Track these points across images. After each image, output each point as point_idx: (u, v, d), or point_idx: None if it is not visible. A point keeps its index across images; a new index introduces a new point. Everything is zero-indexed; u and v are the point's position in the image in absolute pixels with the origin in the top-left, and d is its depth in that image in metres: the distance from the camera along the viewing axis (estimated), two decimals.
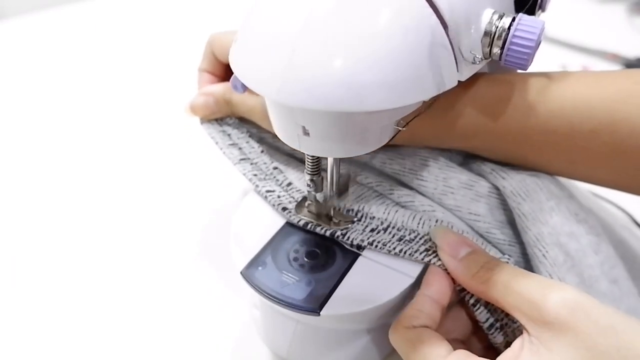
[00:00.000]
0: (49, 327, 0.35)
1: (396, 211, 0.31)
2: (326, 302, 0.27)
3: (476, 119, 0.29)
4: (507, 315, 0.27)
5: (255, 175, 0.33)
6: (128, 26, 0.72)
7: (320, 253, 0.30)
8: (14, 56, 0.66)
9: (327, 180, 0.30)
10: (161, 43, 0.68)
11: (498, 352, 0.24)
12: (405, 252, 0.29)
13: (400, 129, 0.25)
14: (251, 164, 0.34)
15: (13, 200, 0.45)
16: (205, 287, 0.38)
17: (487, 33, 0.25)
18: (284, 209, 0.31)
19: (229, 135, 0.35)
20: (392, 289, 0.28)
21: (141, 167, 0.49)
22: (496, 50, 0.25)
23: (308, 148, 0.24)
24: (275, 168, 0.34)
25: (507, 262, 0.27)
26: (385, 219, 0.31)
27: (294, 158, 0.36)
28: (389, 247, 0.29)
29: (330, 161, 0.29)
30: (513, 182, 0.30)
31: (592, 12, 0.76)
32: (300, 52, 0.21)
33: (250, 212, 0.33)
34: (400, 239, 0.29)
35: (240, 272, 0.29)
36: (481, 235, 0.31)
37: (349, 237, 0.30)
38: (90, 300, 0.37)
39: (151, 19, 0.73)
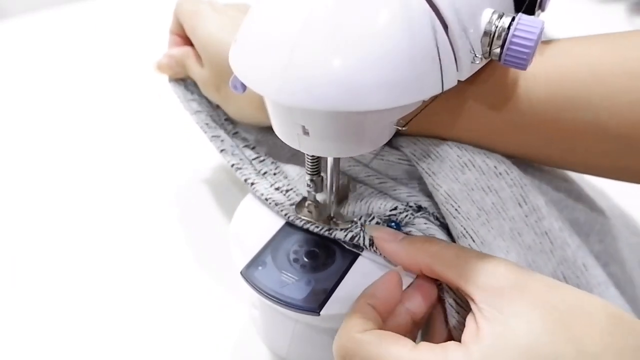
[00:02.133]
0: (48, 327, 0.35)
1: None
2: (326, 302, 0.27)
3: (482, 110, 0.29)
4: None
5: (207, 124, 0.37)
6: (128, 26, 0.72)
7: (320, 253, 0.30)
8: (14, 56, 0.66)
9: (327, 181, 0.30)
10: (162, 43, 0.68)
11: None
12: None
13: (399, 128, 0.25)
14: (206, 115, 0.38)
15: (13, 200, 0.45)
16: (205, 287, 0.38)
17: (486, 33, 0.25)
18: (277, 204, 0.32)
19: (190, 92, 0.40)
20: None
21: (140, 166, 0.49)
22: (496, 50, 0.25)
23: (308, 148, 0.24)
24: (226, 119, 0.39)
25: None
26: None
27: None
28: None
29: (330, 161, 0.29)
30: (422, 147, 0.31)
31: (592, 12, 0.76)
32: (299, 52, 0.21)
33: (249, 212, 0.33)
34: None
35: (240, 272, 0.29)
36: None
37: (348, 237, 0.30)
38: (89, 300, 0.37)
39: (151, 18, 0.73)
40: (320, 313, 0.27)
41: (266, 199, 0.32)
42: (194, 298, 0.37)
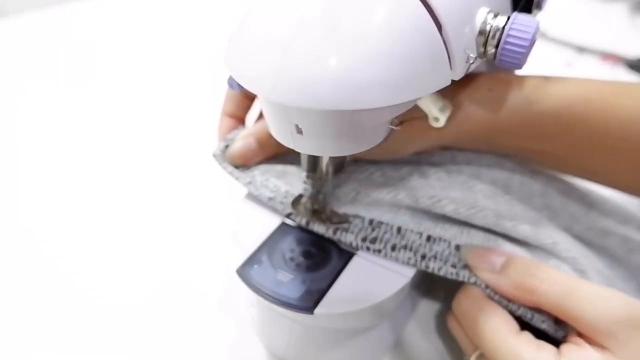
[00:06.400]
0: (47, 327, 0.35)
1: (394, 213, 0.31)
2: (320, 301, 0.27)
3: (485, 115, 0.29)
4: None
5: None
6: (128, 26, 0.72)
7: (316, 252, 0.30)
8: (15, 55, 0.66)
9: (322, 176, 0.30)
10: (162, 43, 0.68)
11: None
12: (440, 270, 0.29)
13: (394, 128, 0.25)
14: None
15: (12, 200, 0.46)
16: (203, 286, 0.38)
17: (481, 32, 0.25)
18: (307, 222, 0.31)
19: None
20: (386, 289, 0.28)
21: (139, 165, 0.49)
22: (490, 49, 0.25)
23: (302, 146, 0.24)
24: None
25: (547, 264, 0.28)
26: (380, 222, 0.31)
27: None
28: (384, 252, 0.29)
29: (325, 159, 0.29)
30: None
31: (593, 11, 0.76)
32: (293, 51, 0.21)
33: (247, 210, 0.33)
34: (392, 248, 0.29)
35: (236, 270, 0.29)
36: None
37: (382, 252, 0.30)
38: (86, 299, 0.37)
39: (152, 18, 0.74)
40: (314, 312, 0.27)
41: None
42: (192, 296, 0.37)
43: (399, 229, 0.30)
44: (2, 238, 0.42)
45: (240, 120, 0.35)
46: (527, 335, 0.25)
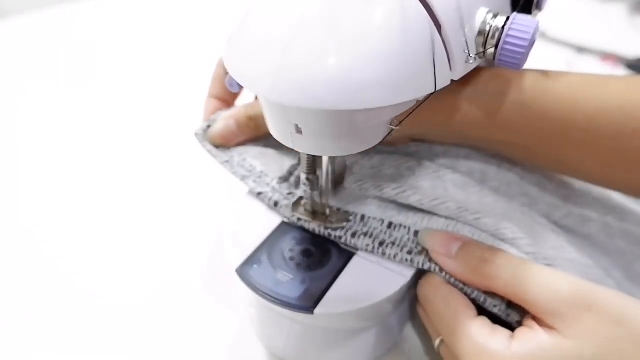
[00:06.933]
0: (47, 327, 0.35)
1: (392, 212, 0.31)
2: (320, 300, 0.27)
3: (478, 114, 0.29)
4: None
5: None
6: (128, 26, 0.72)
7: (315, 252, 0.30)
8: (15, 55, 0.66)
9: (322, 178, 0.30)
10: (162, 43, 0.68)
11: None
12: (396, 257, 0.29)
13: (393, 127, 0.25)
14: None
15: (12, 200, 0.46)
16: (203, 285, 0.38)
17: (481, 32, 0.25)
18: (276, 203, 0.32)
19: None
20: (386, 289, 0.28)
21: (139, 165, 0.49)
22: (490, 49, 0.25)
23: (301, 146, 0.24)
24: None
25: (499, 249, 0.28)
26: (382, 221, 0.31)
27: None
28: (381, 250, 0.29)
29: (325, 160, 0.29)
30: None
31: (593, 11, 0.76)
32: (293, 51, 0.21)
33: (246, 210, 0.33)
34: (390, 244, 0.30)
35: (235, 270, 0.29)
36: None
37: (342, 238, 0.30)
38: (84, 299, 0.37)
39: (151, 18, 0.74)
40: (314, 312, 0.27)
41: (265, 197, 0.32)
42: (191, 296, 0.37)
43: (362, 217, 0.31)
44: (2, 238, 0.42)
45: (225, 103, 0.37)
46: (483, 320, 0.26)
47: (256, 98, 0.37)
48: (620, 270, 0.34)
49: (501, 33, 0.24)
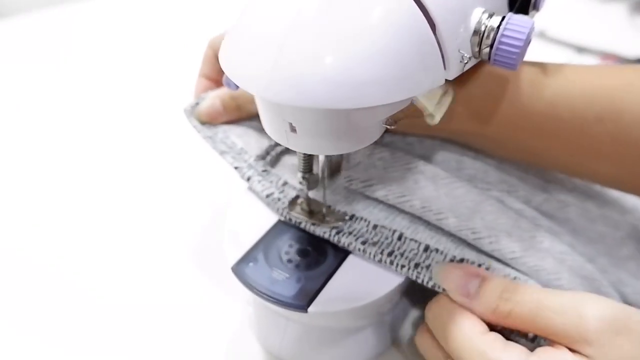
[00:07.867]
0: (47, 327, 0.36)
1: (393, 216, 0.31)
2: (314, 299, 0.27)
3: (470, 107, 0.29)
4: None
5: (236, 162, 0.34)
6: (128, 26, 0.72)
7: (311, 250, 0.30)
8: (15, 55, 0.66)
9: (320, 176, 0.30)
10: (162, 43, 0.68)
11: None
12: (392, 263, 0.29)
13: (388, 127, 0.25)
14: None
15: (12, 200, 0.46)
16: (200, 283, 0.38)
17: (476, 32, 0.25)
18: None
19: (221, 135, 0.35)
20: (380, 288, 0.28)
21: (138, 165, 0.49)
22: (485, 49, 0.25)
23: (296, 145, 0.25)
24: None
25: (519, 281, 0.27)
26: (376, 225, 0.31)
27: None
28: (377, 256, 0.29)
29: (321, 159, 0.30)
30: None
31: (593, 11, 0.76)
32: (288, 50, 0.21)
33: (244, 208, 0.33)
34: (389, 254, 0.29)
35: (231, 268, 0.29)
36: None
37: (339, 239, 0.30)
38: (86, 298, 0.37)
39: (151, 18, 0.74)
40: (308, 310, 0.27)
41: (266, 196, 0.32)
42: (189, 294, 0.37)
43: (351, 217, 0.31)
44: (2, 238, 0.42)
45: (215, 82, 0.37)
46: (495, 335, 0.25)
47: None
48: (605, 257, 0.33)
49: (496, 33, 0.24)
